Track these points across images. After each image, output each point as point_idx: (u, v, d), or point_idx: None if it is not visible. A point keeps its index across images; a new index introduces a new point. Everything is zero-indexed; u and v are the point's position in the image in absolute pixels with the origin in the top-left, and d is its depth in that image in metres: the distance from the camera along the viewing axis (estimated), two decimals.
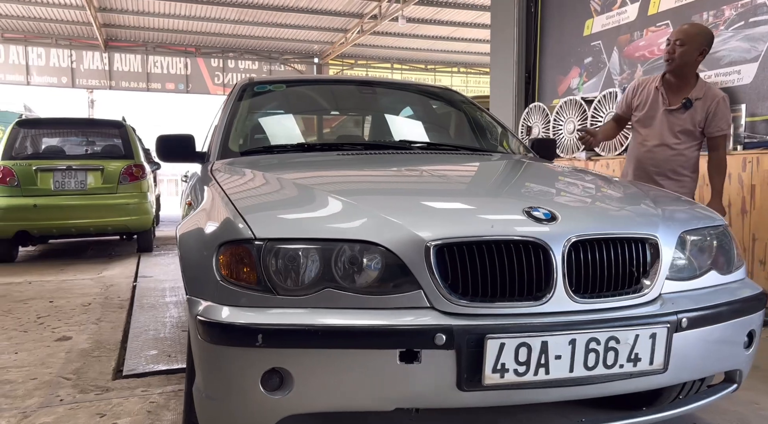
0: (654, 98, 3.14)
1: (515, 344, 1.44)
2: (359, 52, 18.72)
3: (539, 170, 2.37)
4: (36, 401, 2.40)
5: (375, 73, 19.67)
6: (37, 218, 6.36)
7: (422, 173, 2.12)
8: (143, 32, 16.34)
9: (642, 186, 2.25)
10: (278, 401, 1.45)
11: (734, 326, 1.73)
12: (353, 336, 1.43)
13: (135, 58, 17.44)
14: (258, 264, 1.50)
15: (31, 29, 16.19)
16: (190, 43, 17.38)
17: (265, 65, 18.42)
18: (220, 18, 15.08)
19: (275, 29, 15.97)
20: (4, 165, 6.43)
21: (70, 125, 7.38)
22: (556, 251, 1.53)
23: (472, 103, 3.29)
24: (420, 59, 19.58)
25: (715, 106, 3.02)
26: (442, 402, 1.49)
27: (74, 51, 16.98)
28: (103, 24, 15.48)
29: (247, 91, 3.01)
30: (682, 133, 3.08)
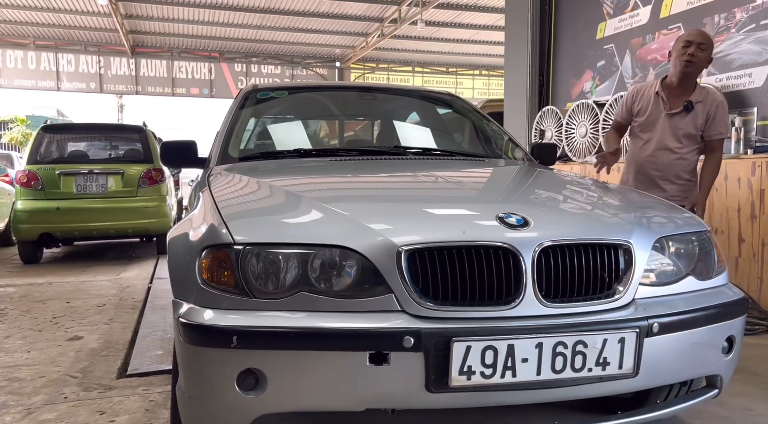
0: (655, 103, 3.14)
1: (481, 347, 1.48)
2: (380, 56, 18.82)
3: (525, 176, 2.39)
4: (41, 398, 2.50)
5: (396, 76, 19.76)
6: (60, 221, 6.56)
7: (408, 179, 2.16)
8: (168, 38, 16.67)
9: (627, 192, 2.26)
10: (253, 400, 1.50)
11: (711, 332, 1.74)
12: (324, 338, 1.48)
13: (161, 63, 17.80)
14: (236, 268, 1.56)
15: (61, 37, 16.65)
16: (214, 49, 17.68)
17: (287, 70, 18.63)
18: (243, 24, 15.31)
19: (297, 34, 16.16)
20: (29, 169, 6.64)
21: (92, 130, 7.59)
22: (525, 257, 1.55)
23: (474, 108, 3.32)
24: (441, 62, 19.60)
25: (716, 109, 3.04)
26: (411, 403, 1.53)
27: (102, 57, 17.41)
28: (129, 30, 15.84)
29: (250, 98, 3.09)
30: (685, 137, 3.07)
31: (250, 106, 3.03)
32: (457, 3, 13.94)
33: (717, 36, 4.59)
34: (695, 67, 3.02)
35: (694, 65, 3.01)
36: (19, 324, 3.80)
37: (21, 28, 15.91)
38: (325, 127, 3.22)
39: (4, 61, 16.87)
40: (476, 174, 2.35)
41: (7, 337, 3.49)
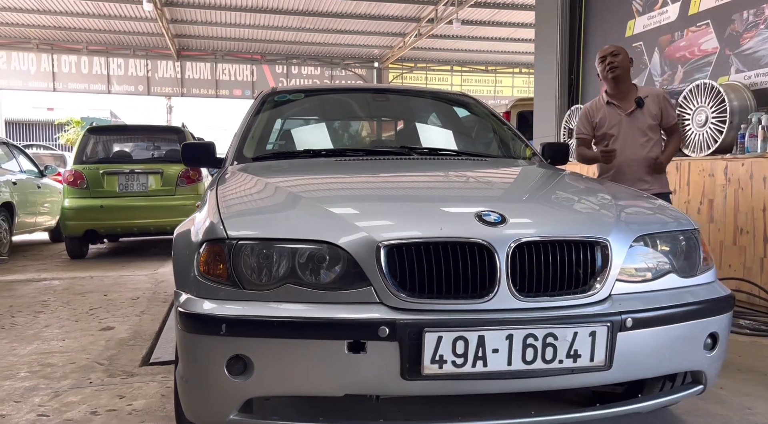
0: (610, 111, 3.52)
1: (452, 337, 1.55)
2: (418, 56, 18.88)
3: (521, 175, 2.44)
4: (69, 382, 2.69)
5: (434, 76, 19.77)
6: (103, 218, 6.90)
7: (402, 179, 2.25)
8: (212, 41, 17.14)
9: (620, 191, 2.29)
10: (241, 384, 1.61)
11: (691, 328, 1.77)
12: (305, 327, 1.59)
13: (205, 66, 18.31)
14: (228, 261, 1.68)
15: (112, 41, 17.32)
16: (255, 51, 18.08)
17: (326, 71, 18.89)
18: (283, 26, 15.61)
19: (336, 35, 16.37)
20: (75, 169, 7.01)
21: (134, 132, 7.93)
22: (500, 253, 1.63)
23: (486, 108, 3.38)
24: (480, 61, 19.52)
25: (663, 100, 3.50)
26: (387, 390, 1.62)
27: (150, 61, 18.03)
28: (175, 35, 16.36)
29: (268, 100, 3.23)
30: (649, 128, 3.45)
31: (267, 108, 3.17)
32: (494, 2, 13.89)
33: (745, 32, 4.51)
34: (620, 70, 3.44)
35: (619, 69, 3.43)
36: (59, 314, 4.06)
37: (75, 34, 16.64)
38: (338, 128, 3.32)
39: (59, 65, 17.68)
40: (472, 173, 2.41)
41: (46, 326, 3.74)
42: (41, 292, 4.93)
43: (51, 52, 17.50)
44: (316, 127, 3.29)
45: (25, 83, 17.82)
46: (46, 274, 5.96)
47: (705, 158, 4.53)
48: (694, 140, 4.71)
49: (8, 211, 7.20)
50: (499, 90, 20.18)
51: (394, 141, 3.15)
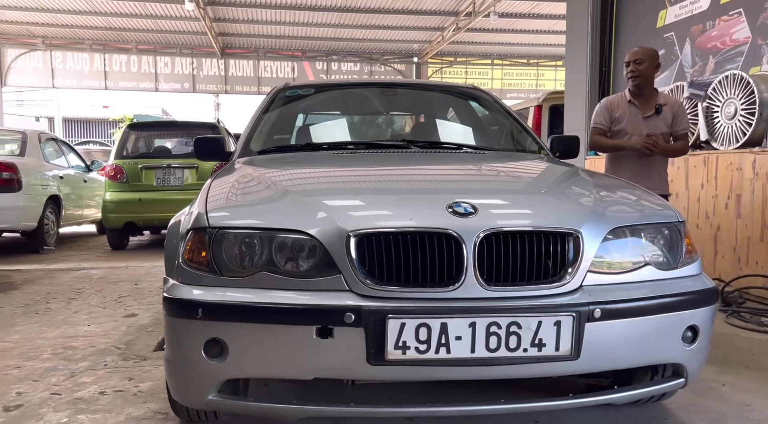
0: (630, 111, 3.65)
1: (415, 324, 1.60)
2: (458, 50, 18.75)
3: (512, 167, 2.45)
4: (86, 364, 2.85)
5: (474, 69, 19.60)
6: (142, 211, 7.17)
7: (389, 171, 2.29)
8: (254, 39, 17.46)
9: (607, 183, 2.28)
10: (217, 366, 1.69)
11: (667, 320, 1.76)
12: (275, 313, 1.65)
13: (247, 63, 18.67)
14: (209, 249, 1.76)
15: (159, 41, 17.86)
16: (296, 48, 18.32)
17: (366, 66, 18.98)
18: (323, 23, 15.77)
19: (374, 31, 16.44)
20: (116, 163, 7.31)
21: (171, 127, 8.21)
22: (467, 243, 1.65)
23: (496, 101, 3.38)
24: (521, 54, 19.24)
25: (678, 108, 3.66)
26: (355, 374, 1.68)
27: (195, 59, 18.50)
28: (218, 33, 16.75)
29: (279, 95, 3.32)
30: (662, 134, 3.60)
31: (277, 103, 3.26)
32: None
33: None
34: (642, 78, 3.58)
35: (640, 78, 3.58)
36: (89, 301, 4.27)
37: (125, 35, 17.24)
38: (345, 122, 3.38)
39: (111, 65, 18.34)
40: (460, 166, 2.43)
41: (76, 312, 3.94)
42: (78, 280, 5.18)
43: (103, 52, 18.17)
44: (324, 121, 3.36)
45: (79, 82, 18.57)
46: (86, 264, 6.26)
47: (733, 152, 4.39)
48: (723, 133, 4.57)
49: (55, 204, 7.56)
50: (541, 83, 19.84)
51: (398, 134, 3.18)
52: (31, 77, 18.34)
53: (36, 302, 4.30)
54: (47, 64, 18.11)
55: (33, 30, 16.99)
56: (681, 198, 4.92)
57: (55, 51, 18.05)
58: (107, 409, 2.30)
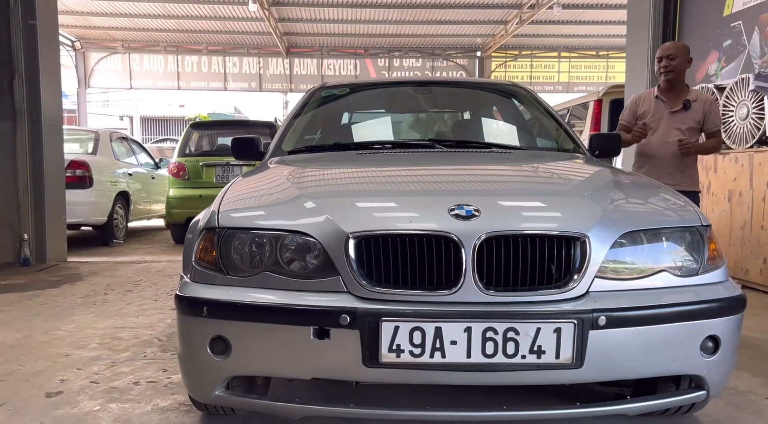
0: (656, 106, 3.63)
1: (409, 327, 1.58)
2: (522, 43, 18.35)
3: (530, 167, 2.37)
4: (127, 355, 3.00)
5: (540, 62, 19.13)
6: (202, 207, 7.28)
7: (405, 171, 2.28)
8: (318, 38, 17.75)
9: (628, 182, 2.18)
10: (222, 363, 1.74)
11: (682, 329, 1.67)
12: (274, 313, 1.68)
13: (311, 62, 19.00)
14: (217, 248, 1.82)
15: (228, 42, 18.47)
16: (359, 46, 18.47)
17: (428, 62, 18.89)
18: (385, 20, 15.82)
19: (436, 26, 16.33)
20: (179, 161, 7.63)
21: (230, 126, 8.48)
22: (466, 246, 1.63)
23: (534, 98, 3.29)
24: (590, 46, 18.60)
25: (709, 105, 3.57)
26: (351, 376, 1.68)
27: (262, 58, 19.01)
28: (283, 33, 17.13)
29: (315, 95, 3.37)
30: (688, 129, 3.54)
31: (312, 102, 3.31)
32: None
33: None
34: (674, 73, 3.56)
35: (673, 73, 3.55)
36: (143, 294, 4.48)
37: (196, 36, 17.93)
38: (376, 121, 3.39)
39: (183, 66, 19.12)
40: (479, 166, 2.37)
41: (129, 303, 4.15)
42: (138, 273, 5.45)
43: (176, 54, 18.96)
44: (356, 120, 3.37)
45: (154, 83, 19.47)
46: (149, 257, 6.57)
47: None
48: None
49: (124, 199, 7.98)
50: (611, 76, 19.10)
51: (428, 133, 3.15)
52: (112, 79, 19.38)
53: (96, 293, 4.56)
54: (126, 66, 19.09)
55: (113, 34, 17.96)
56: (745, 197, 4.64)
57: (133, 53, 18.99)
58: (137, 399, 2.41)
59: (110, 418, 2.23)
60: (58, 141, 6.34)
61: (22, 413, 2.28)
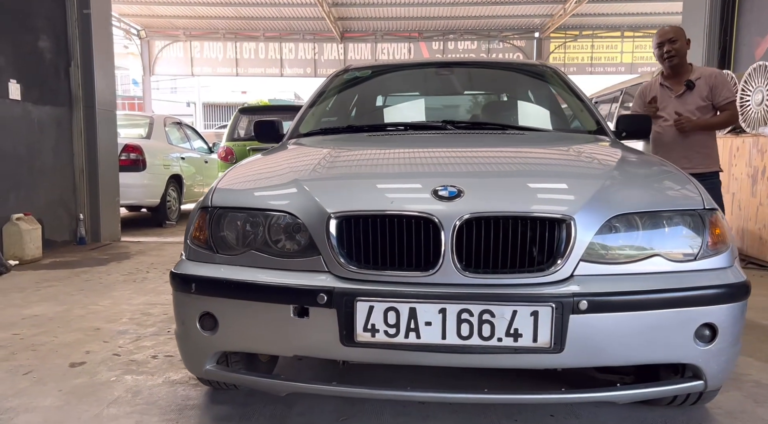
0: (663, 93, 3.55)
1: (384, 307, 1.58)
2: (583, 23, 17.69)
3: (540, 148, 2.30)
4: (152, 330, 3.12)
5: (601, 43, 18.41)
6: None
7: (404, 153, 2.25)
8: (372, 22, 17.69)
9: (632, 162, 2.08)
10: (210, 338, 1.79)
11: (674, 316, 1.59)
12: (257, 291, 1.71)
13: (365, 46, 18.99)
14: (208, 227, 1.86)
15: (284, 28, 18.69)
16: (413, 29, 18.30)
17: (483, 44, 18.52)
18: (439, 2, 15.59)
19: (492, 7, 15.95)
20: (227, 145, 7.83)
21: (278, 111, 8.59)
22: (446, 228, 1.60)
23: (560, 78, 3.18)
24: (655, 24, 17.69)
25: (715, 79, 3.43)
26: (330, 354, 1.70)
27: (317, 44, 19.15)
28: (337, 18, 17.17)
29: (337, 78, 3.37)
30: (698, 109, 3.43)
31: (334, 85, 3.32)
32: None
33: None
34: (678, 58, 3.46)
35: (676, 58, 3.45)
36: None
37: (253, 23, 18.24)
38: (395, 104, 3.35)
39: (241, 52, 19.52)
40: (482, 148, 2.30)
41: (166, 282, 4.31)
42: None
43: (234, 41, 19.36)
44: (375, 102, 3.35)
45: (214, 70, 19.97)
46: None
47: None
48: None
49: (177, 182, 8.26)
50: None
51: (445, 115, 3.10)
52: (174, 66, 20.01)
53: (138, 271, 4.76)
54: (187, 53, 19.66)
55: (175, 23, 18.50)
56: None
57: (194, 41, 19.52)
58: (151, 372, 2.51)
59: (123, 388, 2.34)
60: (111, 126, 6.62)
61: (45, 381, 2.42)
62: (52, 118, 5.90)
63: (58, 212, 6.00)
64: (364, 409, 2.11)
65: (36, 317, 3.39)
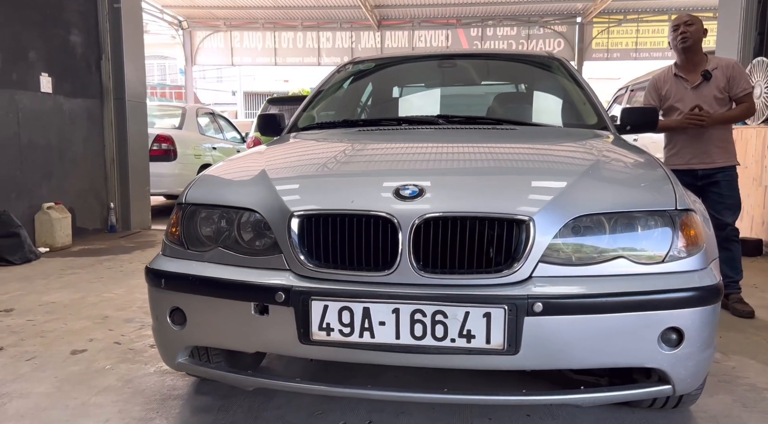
0: (677, 83, 3.42)
1: (338, 307, 1.58)
2: (628, 6, 17.12)
3: (522, 145, 2.23)
4: None
5: (647, 27, 17.79)
6: None
7: (382, 150, 2.23)
8: (409, 9, 17.57)
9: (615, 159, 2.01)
10: (180, 333, 1.82)
11: (636, 319, 1.54)
12: (220, 287, 1.73)
13: (402, 34, 18.88)
14: (180, 223, 1.90)
15: (322, 17, 18.78)
16: (451, 16, 18.09)
17: (523, 30, 18.15)
18: None
19: None
20: (255, 136, 7.94)
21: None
22: (403, 228, 1.59)
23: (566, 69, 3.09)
24: (706, 6, 17.00)
25: (732, 70, 3.32)
26: (289, 351, 1.71)
27: (354, 32, 19.16)
28: (374, 5, 17.11)
29: (340, 72, 3.37)
30: (714, 100, 3.31)
31: (336, 79, 3.31)
32: None
33: None
34: (692, 41, 3.32)
35: (691, 40, 3.31)
36: None
37: (292, 12, 18.39)
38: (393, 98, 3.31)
39: (279, 42, 19.72)
40: (460, 144, 2.25)
41: None
42: None
43: (273, 30, 19.56)
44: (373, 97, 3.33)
45: (253, 59, 20.26)
46: None
47: None
48: None
49: None
50: None
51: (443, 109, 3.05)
52: (215, 56, 20.37)
53: None
54: (227, 43, 19.98)
55: (216, 13, 18.81)
56: None
57: (234, 31, 19.82)
58: (145, 361, 2.59)
59: (115, 377, 2.42)
60: (141, 117, 6.79)
61: (44, 368, 2.52)
62: (83, 110, 6.09)
63: (90, 200, 6.21)
64: (341, 404, 2.13)
65: (52, 303, 3.53)
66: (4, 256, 4.63)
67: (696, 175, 3.37)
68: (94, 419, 2.06)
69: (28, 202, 5.29)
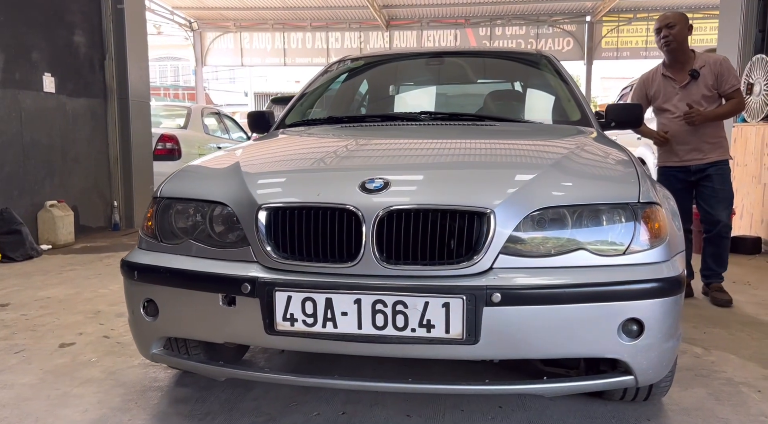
0: (665, 83, 3.43)
1: (301, 297, 1.60)
2: (638, 4, 16.99)
3: (494, 140, 2.25)
4: None
5: None
6: None
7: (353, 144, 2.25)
8: (418, 9, 17.57)
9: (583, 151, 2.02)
10: (153, 324, 1.86)
11: (595, 310, 1.56)
12: (189, 279, 1.76)
13: (411, 34, 18.88)
14: (154, 217, 1.93)
15: (330, 17, 18.82)
16: (459, 15, 18.06)
17: (532, 29, 18.08)
18: None
19: None
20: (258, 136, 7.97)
21: None
22: (367, 220, 1.61)
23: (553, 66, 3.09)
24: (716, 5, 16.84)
25: (719, 66, 3.32)
26: (256, 341, 1.74)
27: (362, 33, 19.19)
28: (382, 6, 17.13)
29: (330, 70, 3.39)
30: (704, 99, 3.33)
31: (325, 77, 3.34)
32: None
33: None
34: (676, 43, 3.33)
35: (674, 42, 3.33)
36: None
37: (301, 13, 18.46)
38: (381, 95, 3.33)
39: (288, 42, 19.80)
40: (432, 139, 2.27)
41: None
42: None
43: (282, 31, 19.65)
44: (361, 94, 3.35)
45: (263, 60, 20.37)
46: None
47: None
48: None
49: None
50: None
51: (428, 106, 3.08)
52: (225, 57, 20.51)
53: None
54: (237, 44, 20.10)
55: (226, 14, 18.93)
56: None
57: (244, 32, 19.93)
58: (130, 353, 2.63)
59: (99, 369, 2.46)
60: (144, 116, 6.87)
61: (31, 360, 2.57)
62: (87, 109, 6.18)
63: (93, 199, 6.29)
64: (317, 395, 2.15)
65: (48, 298, 3.59)
66: (5, 253, 4.71)
67: (689, 170, 3.39)
68: (73, 409, 2.10)
69: (30, 200, 5.37)
